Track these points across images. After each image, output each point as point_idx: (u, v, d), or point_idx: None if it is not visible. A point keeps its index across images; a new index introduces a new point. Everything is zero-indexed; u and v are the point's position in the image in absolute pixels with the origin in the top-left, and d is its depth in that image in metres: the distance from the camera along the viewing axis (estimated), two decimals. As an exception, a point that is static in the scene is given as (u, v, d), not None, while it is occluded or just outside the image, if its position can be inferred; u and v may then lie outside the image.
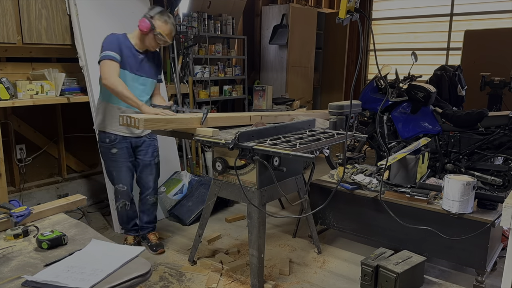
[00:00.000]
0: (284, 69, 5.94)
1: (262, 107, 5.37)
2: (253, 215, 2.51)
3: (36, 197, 3.70)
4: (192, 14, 4.75)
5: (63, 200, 2.11)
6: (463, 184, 2.49)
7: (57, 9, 3.40)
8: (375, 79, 4.51)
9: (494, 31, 5.95)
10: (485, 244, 2.49)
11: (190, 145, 4.50)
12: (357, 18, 2.06)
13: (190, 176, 3.90)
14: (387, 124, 4.37)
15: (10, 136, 3.57)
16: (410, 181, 2.93)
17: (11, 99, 3.14)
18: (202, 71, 4.82)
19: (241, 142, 2.37)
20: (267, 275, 2.79)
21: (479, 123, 3.85)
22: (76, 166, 4.13)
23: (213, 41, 5.11)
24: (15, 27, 3.17)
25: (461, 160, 4.00)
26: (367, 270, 2.58)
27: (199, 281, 2.72)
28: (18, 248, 1.65)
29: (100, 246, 1.66)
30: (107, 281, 1.39)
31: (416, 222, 2.68)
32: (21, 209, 1.84)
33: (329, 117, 3.16)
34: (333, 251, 3.17)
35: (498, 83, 5.12)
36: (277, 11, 5.89)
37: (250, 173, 2.50)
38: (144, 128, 2.42)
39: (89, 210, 3.95)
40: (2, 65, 3.34)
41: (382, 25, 7.52)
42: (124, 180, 2.96)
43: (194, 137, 2.59)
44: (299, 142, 2.45)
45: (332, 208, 3.13)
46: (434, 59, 6.80)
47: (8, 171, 3.61)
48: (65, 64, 3.66)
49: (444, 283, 2.72)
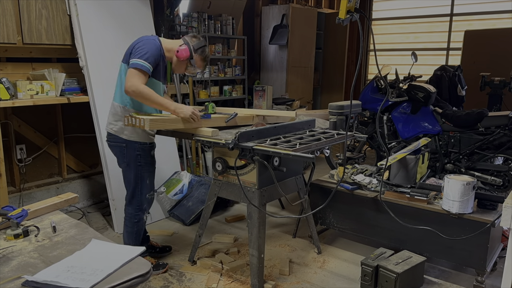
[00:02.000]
0: (284, 69, 5.94)
1: (262, 107, 5.38)
2: (253, 215, 2.52)
3: (36, 197, 3.70)
4: (192, 14, 4.75)
5: (56, 198, 2.12)
6: (463, 184, 2.49)
7: (57, 9, 3.40)
8: (375, 79, 4.51)
9: (494, 31, 5.95)
10: (485, 244, 2.49)
11: (190, 145, 4.50)
12: (357, 18, 2.06)
13: (190, 176, 3.90)
14: (387, 124, 4.37)
15: (10, 136, 3.57)
16: (410, 181, 2.93)
17: (11, 99, 3.14)
18: (202, 71, 4.81)
19: (241, 142, 2.37)
20: (267, 275, 2.79)
21: (479, 123, 3.85)
22: (76, 166, 4.13)
23: (213, 41, 5.12)
24: (15, 27, 3.17)
25: (461, 160, 4.00)
26: (367, 270, 2.58)
27: (199, 281, 2.73)
28: (18, 248, 1.65)
29: (100, 246, 1.66)
30: (107, 281, 1.39)
31: (416, 222, 2.68)
32: (17, 211, 1.84)
33: (329, 117, 3.16)
34: (333, 251, 3.17)
35: (498, 83, 5.12)
36: (277, 11, 5.89)
37: (250, 173, 2.50)
38: (149, 128, 2.35)
39: (89, 210, 3.96)
40: (2, 65, 3.35)
41: (382, 25, 7.52)
42: (153, 187, 2.78)
43: (194, 137, 2.59)
44: (299, 142, 2.45)
45: (332, 208, 3.13)
46: (434, 59, 6.80)
47: (8, 171, 3.62)
48: (65, 64, 3.66)
49: (444, 283, 2.72)
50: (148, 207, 2.77)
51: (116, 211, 3.42)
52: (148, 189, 2.70)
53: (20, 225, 1.80)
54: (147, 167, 2.67)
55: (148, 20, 3.93)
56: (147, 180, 2.67)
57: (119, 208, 3.34)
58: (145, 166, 2.65)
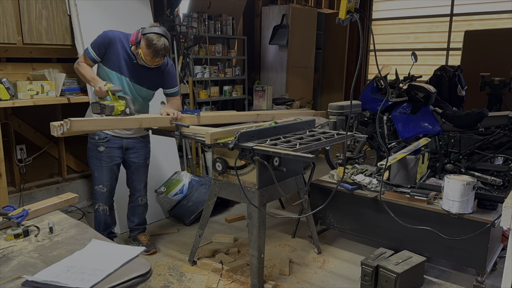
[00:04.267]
0: (284, 69, 5.94)
1: (262, 107, 5.38)
2: (253, 215, 2.52)
3: (36, 197, 3.70)
4: (192, 15, 4.75)
5: (56, 198, 2.12)
6: (463, 184, 2.49)
7: (57, 9, 3.40)
8: (375, 79, 4.51)
9: (494, 31, 5.95)
10: (485, 244, 2.49)
11: (190, 145, 4.50)
12: (357, 19, 2.07)
13: (190, 177, 3.90)
14: (387, 124, 4.37)
15: (10, 136, 3.57)
16: (410, 181, 2.93)
17: (12, 99, 3.14)
18: (202, 72, 4.82)
19: (241, 142, 2.37)
20: (267, 275, 2.79)
21: (479, 123, 3.85)
22: (76, 166, 4.13)
23: (213, 42, 5.12)
24: (15, 28, 3.17)
25: (461, 160, 4.00)
26: (367, 270, 2.58)
27: (199, 281, 2.73)
28: (18, 248, 1.65)
29: (100, 246, 1.66)
30: (107, 281, 1.39)
31: (416, 222, 2.68)
32: (18, 211, 1.84)
33: (329, 117, 3.16)
34: (333, 251, 3.17)
35: (498, 83, 5.12)
36: (277, 12, 5.89)
37: (250, 173, 2.50)
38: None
39: (89, 210, 3.96)
40: (3, 65, 3.35)
41: (382, 26, 7.52)
42: (105, 182, 2.88)
43: (194, 137, 2.60)
44: (299, 142, 2.45)
45: (332, 208, 3.13)
46: (434, 59, 6.80)
47: (9, 171, 3.62)
48: (66, 64, 3.66)
49: (444, 283, 2.72)
50: (101, 200, 2.93)
51: (116, 211, 3.42)
52: (97, 182, 2.89)
53: (20, 225, 1.80)
54: (94, 161, 2.88)
55: (148, 20, 3.92)
56: (94, 172, 2.89)
57: (119, 208, 3.34)
58: (91, 159, 2.89)
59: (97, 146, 2.82)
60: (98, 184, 2.89)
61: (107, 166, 2.86)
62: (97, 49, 2.67)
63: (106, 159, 2.85)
